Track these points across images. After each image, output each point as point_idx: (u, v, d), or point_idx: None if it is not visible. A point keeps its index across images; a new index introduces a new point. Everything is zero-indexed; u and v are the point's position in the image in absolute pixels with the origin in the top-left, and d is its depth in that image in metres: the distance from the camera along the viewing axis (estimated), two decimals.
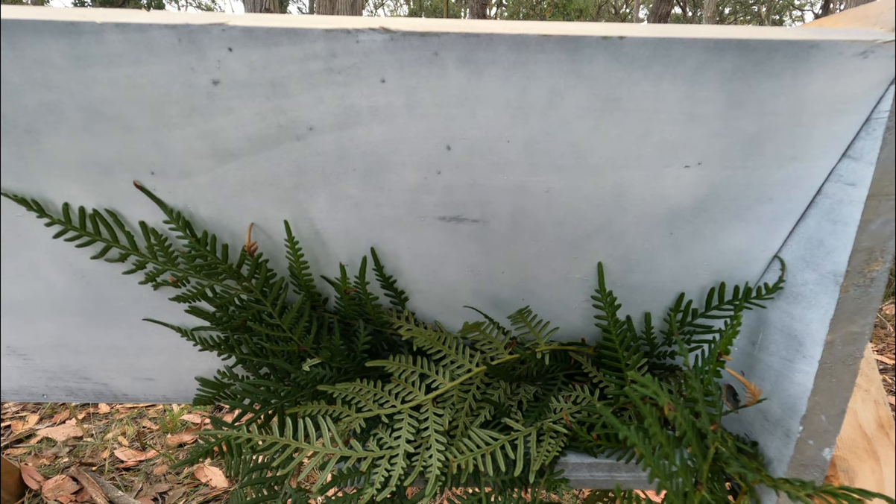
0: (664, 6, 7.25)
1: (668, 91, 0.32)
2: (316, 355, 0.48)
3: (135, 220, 0.40)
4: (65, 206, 0.38)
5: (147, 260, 0.41)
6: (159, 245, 0.40)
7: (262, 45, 0.30)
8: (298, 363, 0.49)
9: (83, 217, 0.39)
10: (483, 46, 0.30)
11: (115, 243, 0.40)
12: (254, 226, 0.42)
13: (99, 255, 0.41)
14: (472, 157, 0.36)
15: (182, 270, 0.41)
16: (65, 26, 0.29)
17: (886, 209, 0.34)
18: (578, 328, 0.51)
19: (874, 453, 0.45)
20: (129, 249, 0.41)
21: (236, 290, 0.44)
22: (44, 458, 1.25)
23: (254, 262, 0.42)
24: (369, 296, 0.46)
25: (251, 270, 0.42)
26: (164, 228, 0.41)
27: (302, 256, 0.44)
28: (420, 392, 0.48)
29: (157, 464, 1.24)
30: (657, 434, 0.34)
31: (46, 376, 0.59)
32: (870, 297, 0.36)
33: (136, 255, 0.41)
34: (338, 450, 0.43)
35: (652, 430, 0.34)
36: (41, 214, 0.38)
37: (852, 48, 0.30)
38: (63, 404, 1.48)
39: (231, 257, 0.43)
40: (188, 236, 0.40)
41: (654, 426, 0.34)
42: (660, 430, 0.34)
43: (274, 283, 0.44)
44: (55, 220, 0.39)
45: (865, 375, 0.48)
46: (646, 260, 0.44)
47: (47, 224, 0.39)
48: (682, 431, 0.35)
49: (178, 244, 0.42)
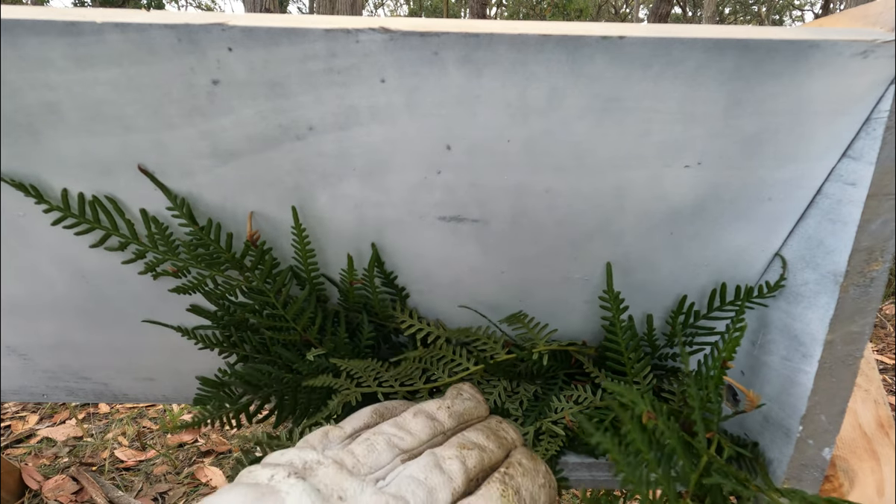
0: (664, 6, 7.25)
1: (668, 91, 0.32)
2: (319, 346, 0.48)
3: (135, 210, 0.40)
4: (63, 191, 0.38)
5: (147, 249, 0.41)
6: (160, 233, 0.40)
7: (262, 45, 0.30)
8: (300, 354, 0.49)
9: (82, 204, 0.39)
10: (483, 46, 0.30)
11: (114, 231, 0.40)
12: (255, 218, 0.41)
13: (98, 243, 0.41)
14: (472, 157, 0.36)
15: (183, 260, 0.41)
16: (65, 26, 0.29)
17: (886, 209, 0.34)
18: (579, 328, 0.51)
19: (874, 453, 0.45)
20: (129, 238, 0.41)
21: (238, 280, 0.44)
22: (44, 458, 1.25)
23: (258, 252, 0.42)
24: (376, 288, 0.46)
25: (255, 260, 0.42)
26: (166, 217, 0.41)
27: (308, 244, 0.43)
28: (420, 381, 0.49)
29: (157, 464, 1.24)
30: (636, 440, 0.33)
31: (46, 376, 0.59)
32: (870, 297, 0.36)
33: (136, 243, 0.41)
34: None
35: (630, 436, 0.32)
36: (39, 200, 0.38)
37: (852, 48, 0.30)
38: (63, 404, 1.47)
39: (234, 247, 0.43)
40: (191, 224, 0.40)
41: (633, 432, 0.32)
42: (640, 436, 0.33)
43: (278, 273, 0.44)
44: (53, 206, 0.38)
45: (865, 375, 0.48)
46: (646, 260, 0.44)
47: (45, 210, 0.38)
48: (664, 440, 0.34)
49: (179, 233, 0.42)
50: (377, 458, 0.34)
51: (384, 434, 0.36)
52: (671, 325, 0.48)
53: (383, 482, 0.33)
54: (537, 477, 0.37)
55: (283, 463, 0.32)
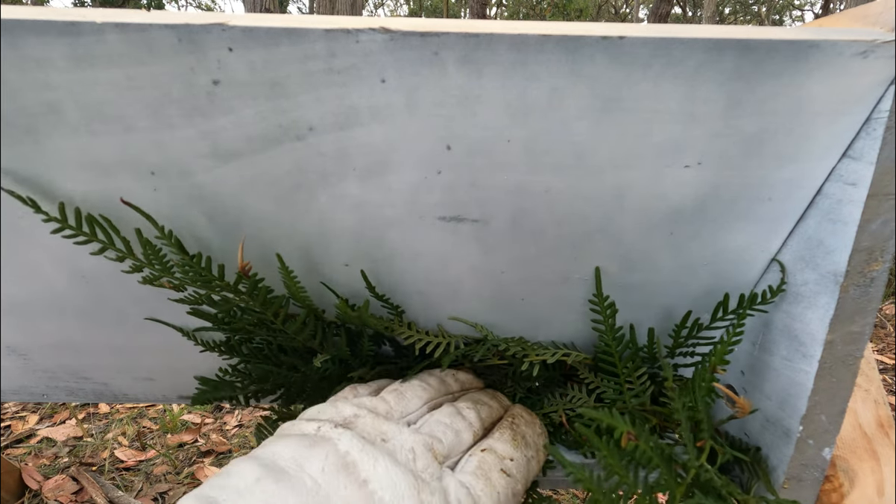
0: (664, 6, 7.25)
1: (668, 91, 0.32)
2: (322, 352, 0.48)
3: (132, 220, 0.40)
4: (61, 204, 0.38)
5: (143, 265, 0.41)
6: (154, 255, 0.40)
7: (262, 45, 0.30)
8: (303, 359, 0.49)
9: (79, 218, 0.39)
10: (483, 46, 0.30)
11: (111, 246, 0.40)
12: (246, 240, 0.42)
13: (97, 252, 0.41)
14: (472, 157, 0.36)
15: (178, 279, 0.41)
16: (65, 26, 0.29)
17: (886, 209, 0.34)
18: (579, 328, 0.51)
19: (874, 453, 0.45)
20: (125, 253, 0.40)
21: (235, 300, 0.43)
22: (44, 458, 1.25)
23: (251, 282, 0.42)
24: (371, 316, 0.46)
25: (249, 289, 0.42)
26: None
27: (299, 284, 0.45)
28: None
29: (157, 464, 1.24)
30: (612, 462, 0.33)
31: (46, 376, 0.59)
32: (870, 297, 0.36)
33: (132, 259, 0.41)
34: None
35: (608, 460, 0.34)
36: (37, 210, 0.37)
37: (852, 48, 0.30)
38: (63, 404, 1.47)
39: (229, 266, 0.43)
40: (181, 254, 0.40)
41: (609, 457, 0.34)
42: (613, 455, 0.34)
43: (273, 298, 0.44)
44: (51, 217, 0.38)
45: (865, 375, 0.48)
46: (645, 260, 0.44)
47: (44, 220, 0.38)
48: (645, 460, 0.34)
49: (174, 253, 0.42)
50: (406, 405, 0.40)
51: (411, 384, 0.43)
52: (673, 338, 0.48)
53: (415, 426, 0.38)
54: (535, 427, 0.45)
55: (325, 418, 0.36)
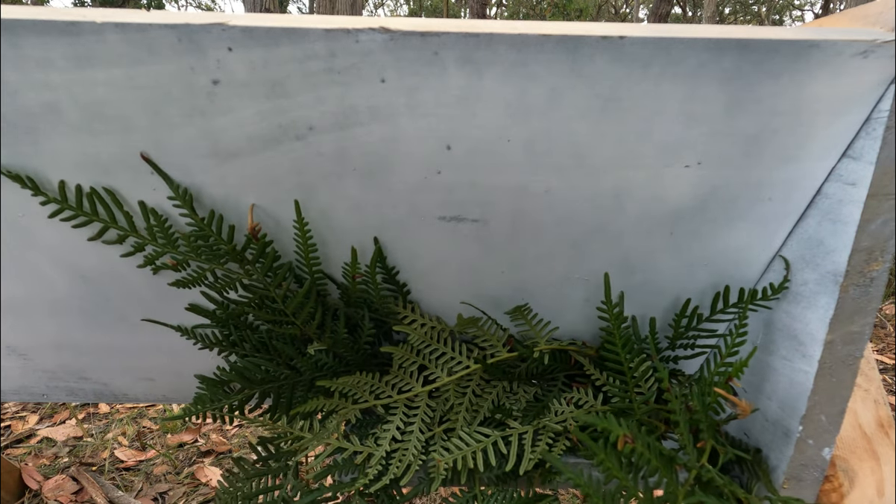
0: (664, 6, 7.25)
1: (668, 91, 0.32)
2: (319, 341, 0.48)
3: (133, 203, 0.40)
4: (61, 183, 0.38)
5: (146, 242, 0.41)
6: (159, 225, 0.40)
7: (262, 45, 0.30)
8: (299, 350, 0.49)
9: (80, 196, 0.38)
10: (483, 46, 0.30)
11: (112, 224, 0.40)
12: (255, 212, 0.41)
13: (96, 236, 0.41)
14: (472, 157, 0.36)
15: (182, 253, 0.41)
16: (65, 26, 0.29)
17: (886, 209, 0.34)
18: (579, 328, 0.51)
19: (874, 453, 0.45)
20: (128, 231, 0.40)
21: (238, 274, 0.43)
22: (44, 458, 1.25)
23: (260, 244, 0.42)
24: (378, 284, 0.46)
25: (256, 253, 0.42)
26: (165, 210, 0.40)
27: (311, 238, 0.43)
28: (417, 384, 0.49)
29: (157, 464, 1.24)
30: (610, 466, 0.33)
31: (46, 376, 0.59)
32: (870, 297, 0.36)
33: (135, 236, 0.41)
34: (335, 440, 0.46)
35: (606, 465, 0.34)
36: (36, 192, 0.37)
37: (852, 48, 0.30)
38: (63, 404, 1.48)
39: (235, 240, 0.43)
40: (192, 215, 0.39)
41: (607, 461, 0.34)
42: (613, 460, 0.34)
43: (279, 266, 0.44)
44: (50, 198, 0.38)
45: (865, 375, 0.48)
46: (646, 260, 0.44)
47: (43, 203, 0.38)
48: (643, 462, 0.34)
49: (178, 225, 0.41)
50: None
51: None
52: (673, 328, 0.48)
53: None
54: None
55: None
